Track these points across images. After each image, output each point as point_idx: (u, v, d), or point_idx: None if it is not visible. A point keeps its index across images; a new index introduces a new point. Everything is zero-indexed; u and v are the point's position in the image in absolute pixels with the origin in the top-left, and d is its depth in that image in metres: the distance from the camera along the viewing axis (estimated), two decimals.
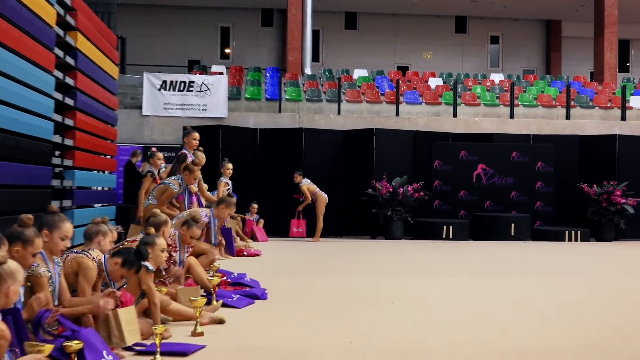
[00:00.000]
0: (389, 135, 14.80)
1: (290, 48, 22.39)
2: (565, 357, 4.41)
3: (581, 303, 6.57)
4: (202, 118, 16.70)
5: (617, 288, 7.63)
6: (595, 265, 9.99)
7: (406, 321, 5.52)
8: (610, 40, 23.17)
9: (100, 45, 11.01)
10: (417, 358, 4.33)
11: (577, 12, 25.59)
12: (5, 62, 6.84)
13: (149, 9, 25.42)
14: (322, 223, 12.95)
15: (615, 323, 5.58)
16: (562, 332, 5.17)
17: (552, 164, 14.88)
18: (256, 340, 4.81)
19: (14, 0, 7.16)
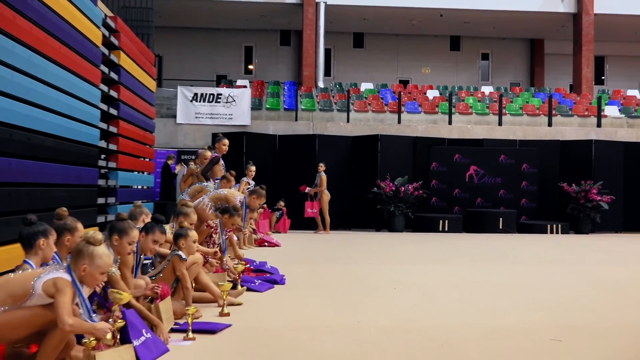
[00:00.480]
0: (392, 141, 14.81)
1: (305, 64, 22.42)
2: (547, 335, 4.39)
3: (561, 287, 6.54)
4: (229, 126, 16.76)
5: (594, 274, 7.58)
6: (574, 255, 9.93)
7: (407, 304, 5.51)
8: (588, 56, 23.07)
9: (140, 62, 11.07)
10: (416, 336, 4.33)
11: (558, 31, 25.47)
12: (58, 77, 6.90)
13: (183, 30, 25.52)
14: (329, 217, 13.01)
15: (591, 305, 5.55)
16: (544, 313, 5.15)
17: (535, 165, 14.85)
18: (275, 320, 4.82)
19: (66, 24, 7.22)
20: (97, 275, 3.15)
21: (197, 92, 17.54)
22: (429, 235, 13.06)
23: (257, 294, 5.90)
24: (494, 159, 14.86)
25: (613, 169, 14.94)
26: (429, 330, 4.49)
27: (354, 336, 4.30)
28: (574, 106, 20.80)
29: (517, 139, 15.94)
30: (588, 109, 20.38)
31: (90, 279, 3.14)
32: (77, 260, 3.12)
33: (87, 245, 3.14)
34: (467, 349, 3.99)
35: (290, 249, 10.00)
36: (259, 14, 24.00)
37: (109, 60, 9.31)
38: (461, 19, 24.57)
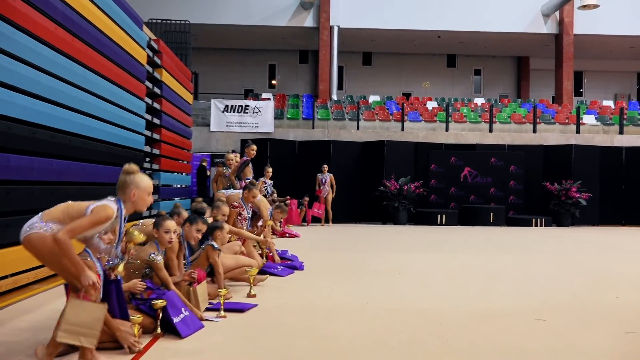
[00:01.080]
0: (396, 146, 14.78)
1: (321, 80, 22.42)
2: (532, 315, 4.36)
3: (545, 273, 6.48)
4: (255, 133, 16.82)
5: (573, 262, 7.51)
6: (556, 245, 9.84)
7: (409, 287, 5.50)
8: (568, 71, 22.88)
9: (179, 78, 11.14)
10: (417, 316, 4.32)
11: (542, 50, 25.26)
12: (110, 92, 6.97)
13: (216, 51, 25.64)
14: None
15: (571, 289, 5.50)
16: (530, 296, 5.11)
17: (522, 167, 14.76)
18: (295, 301, 4.83)
19: (117, 47, 7.29)
20: (145, 197, 3.15)
21: (228, 104, 17.62)
22: (428, 228, 13.01)
23: (279, 278, 5.92)
24: (486, 161, 14.79)
25: (590, 170, 14.81)
26: (428, 311, 4.47)
27: (362, 315, 4.30)
28: (555, 115, 20.59)
29: (505, 144, 15.84)
30: (568, 118, 20.18)
31: (142, 202, 3.14)
32: (125, 190, 3.11)
33: (129, 175, 3.13)
34: (461, 327, 3.98)
35: (308, 240, 10.02)
36: (281, 37, 24.05)
37: (152, 77, 9.38)
38: (456, 40, 24.44)
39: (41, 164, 5.17)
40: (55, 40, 5.52)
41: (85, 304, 2.87)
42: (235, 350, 3.37)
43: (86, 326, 2.85)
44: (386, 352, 3.36)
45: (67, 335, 2.83)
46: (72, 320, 2.83)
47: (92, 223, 2.90)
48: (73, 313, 2.84)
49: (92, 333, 2.87)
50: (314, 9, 22.30)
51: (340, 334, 3.74)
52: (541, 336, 3.78)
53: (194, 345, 3.46)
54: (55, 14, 5.51)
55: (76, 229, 2.85)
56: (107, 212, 2.94)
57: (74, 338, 2.84)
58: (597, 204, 14.75)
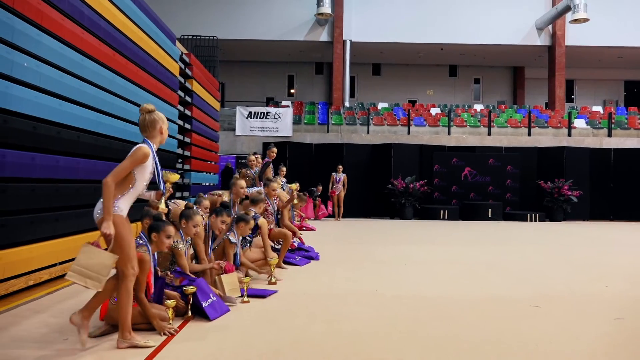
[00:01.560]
0: (403, 148, 14.71)
1: (335, 89, 22.38)
2: (528, 302, 4.31)
3: (539, 264, 6.40)
4: (275, 137, 16.85)
5: (566, 254, 7.41)
6: (550, 238, 9.72)
7: (415, 276, 5.48)
8: (560, 80, 22.57)
9: (208, 88, 11.21)
10: (422, 302, 4.29)
11: (536, 60, 24.95)
12: (148, 101, 7.03)
13: (240, 63, 25.74)
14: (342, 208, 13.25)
15: (563, 278, 5.43)
16: (525, 285, 5.06)
17: (518, 167, 14.60)
18: (312, 288, 4.84)
19: (153, 60, 7.35)
20: (166, 130, 3.15)
21: (251, 111, 17.68)
22: (432, 222, 12.94)
23: (297, 268, 5.93)
24: (484, 162, 14.66)
25: (581, 170, 14.61)
26: (432, 298, 4.45)
27: (373, 301, 4.29)
28: (549, 120, 20.33)
29: (503, 146, 15.67)
30: (560, 122, 19.90)
31: (166, 136, 3.17)
32: (155, 126, 3.09)
33: (152, 113, 3.10)
34: (463, 313, 3.95)
35: (323, 233, 10.02)
36: (298, 50, 24.06)
37: (184, 86, 9.45)
38: (458, 52, 24.24)
39: (67, 163, 5.22)
40: (100, 55, 5.59)
41: (96, 251, 2.82)
42: (257, 331, 3.39)
43: (94, 270, 2.78)
44: (395, 335, 3.35)
45: (75, 275, 2.78)
46: (82, 262, 2.78)
47: (132, 162, 2.91)
48: (84, 257, 2.80)
49: (98, 277, 2.79)
50: (329, 25, 22.28)
51: (352, 318, 3.74)
52: (536, 321, 3.74)
53: (220, 326, 3.49)
54: (98, 31, 5.58)
55: (120, 171, 2.89)
56: (143, 150, 2.95)
57: (82, 279, 2.78)
58: (587, 200, 14.54)
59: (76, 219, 5.00)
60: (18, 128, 4.12)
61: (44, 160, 4.46)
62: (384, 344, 3.16)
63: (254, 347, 3.04)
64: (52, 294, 4.37)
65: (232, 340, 3.17)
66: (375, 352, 2.99)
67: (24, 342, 3.08)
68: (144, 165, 2.97)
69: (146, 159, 2.96)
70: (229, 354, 2.93)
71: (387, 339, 3.25)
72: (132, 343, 2.97)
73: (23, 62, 4.18)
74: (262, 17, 22.01)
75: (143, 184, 3.03)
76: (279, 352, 2.97)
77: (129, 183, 2.96)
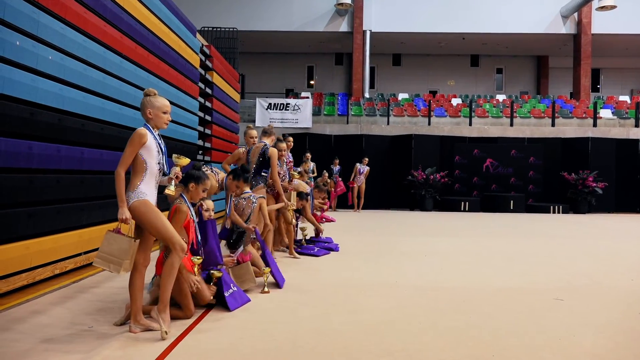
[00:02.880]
0: (423, 139, 14.58)
1: (355, 79, 22.27)
2: (551, 295, 4.25)
3: (561, 256, 6.30)
4: (295, 128, 16.85)
5: (590, 246, 7.27)
6: (573, 230, 9.55)
7: (435, 267, 5.44)
8: (586, 69, 22.05)
9: (228, 80, 11.25)
10: (442, 294, 4.27)
11: (560, 49, 24.39)
12: (169, 93, 7.09)
13: (260, 55, 25.76)
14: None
15: (587, 271, 5.34)
16: (546, 277, 4.99)
17: (541, 158, 14.38)
18: (332, 279, 4.85)
19: (174, 52, 7.40)
20: (161, 115, 3.15)
21: (271, 102, 17.70)
22: (452, 214, 12.83)
23: (317, 259, 5.94)
24: (506, 153, 14.47)
25: (606, 161, 14.30)
26: (452, 289, 4.42)
27: (392, 292, 4.28)
28: (573, 110, 19.89)
29: (525, 137, 15.43)
30: (586, 112, 19.45)
31: (158, 120, 3.16)
32: (144, 111, 3.14)
33: (145, 98, 3.16)
34: (483, 305, 3.91)
35: (343, 224, 10.02)
36: (318, 41, 23.95)
37: (205, 78, 9.50)
38: (480, 41, 23.84)
39: (91, 154, 5.31)
40: (122, 48, 5.65)
41: (116, 237, 2.98)
42: (277, 321, 3.41)
43: (115, 255, 2.94)
44: (415, 326, 3.34)
45: (100, 261, 2.97)
46: (105, 249, 2.96)
47: (131, 146, 2.99)
48: (106, 243, 2.96)
49: (118, 262, 2.95)
50: (349, 16, 22.12)
51: (372, 309, 3.74)
52: (559, 314, 3.69)
53: (240, 317, 3.52)
54: (121, 24, 5.64)
55: (124, 158, 3.00)
56: (138, 132, 3.02)
57: (105, 264, 2.96)
58: (613, 192, 14.24)
59: (100, 209, 5.09)
60: (44, 120, 4.20)
61: (69, 152, 4.55)
62: (403, 335, 3.15)
63: (273, 337, 3.07)
64: (77, 282, 4.47)
65: (251, 330, 3.20)
66: (395, 343, 2.99)
67: (50, 329, 3.17)
68: (147, 146, 3.04)
69: (144, 139, 3.02)
70: (248, 343, 2.96)
71: (407, 330, 3.24)
72: (148, 326, 3.09)
73: (48, 55, 4.25)
74: (282, 8, 21.97)
75: (155, 165, 3.10)
76: (298, 342, 2.99)
77: (142, 167, 3.05)
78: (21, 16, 3.92)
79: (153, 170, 3.08)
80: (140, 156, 3.04)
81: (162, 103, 3.17)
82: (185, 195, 3.48)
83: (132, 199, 3.01)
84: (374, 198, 13.92)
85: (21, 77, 3.90)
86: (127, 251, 2.96)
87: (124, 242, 2.97)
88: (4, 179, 3.70)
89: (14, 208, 3.85)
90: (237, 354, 2.79)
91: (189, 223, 3.39)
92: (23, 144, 3.90)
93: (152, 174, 3.08)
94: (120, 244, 2.96)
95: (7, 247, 3.72)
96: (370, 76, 24.11)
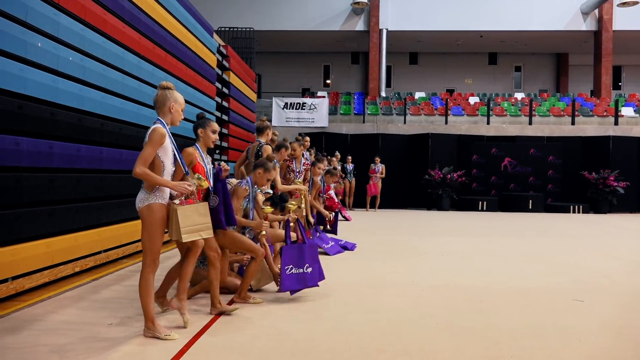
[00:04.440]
0: (440, 138, 14.48)
1: (371, 78, 22.20)
2: (570, 296, 4.18)
3: (581, 257, 6.20)
4: (311, 127, 16.86)
5: (610, 247, 7.14)
6: (593, 231, 9.39)
7: (451, 267, 5.40)
8: (607, 66, 21.66)
9: (244, 80, 11.31)
10: (459, 293, 4.23)
11: (581, 46, 23.98)
12: (186, 92, 7.16)
13: (277, 54, 25.83)
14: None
15: (607, 272, 5.24)
16: (567, 278, 4.92)
17: (560, 157, 14.17)
18: (348, 278, 4.84)
19: (191, 52, 7.46)
20: (180, 111, 3.08)
21: (287, 102, 17.74)
22: (470, 214, 12.71)
23: (332, 259, 5.93)
24: (525, 152, 14.29)
25: (628, 160, 14.02)
26: (469, 289, 4.38)
27: (409, 292, 4.26)
28: (594, 108, 19.54)
29: (544, 136, 15.21)
30: (607, 110, 19.09)
31: (178, 116, 3.09)
32: (164, 104, 3.04)
33: (165, 91, 3.05)
34: (501, 305, 3.87)
35: (359, 223, 10.00)
36: (334, 40, 23.93)
37: (221, 78, 9.57)
38: (498, 39, 23.57)
39: (110, 154, 5.38)
40: (140, 49, 5.72)
41: (190, 207, 3.03)
42: (293, 319, 3.42)
43: (199, 222, 3.05)
44: (432, 325, 3.32)
45: (189, 235, 3.02)
46: (186, 222, 3.00)
47: (153, 144, 2.89)
48: (183, 217, 2.99)
49: (207, 226, 3.10)
50: (365, 14, 22.06)
51: (388, 308, 3.73)
52: (578, 315, 3.63)
53: (255, 315, 3.54)
54: (139, 25, 5.71)
55: (146, 157, 2.88)
56: (159, 130, 2.92)
57: (196, 235, 3.06)
58: (635, 192, 13.96)
59: (118, 208, 5.17)
60: (65, 120, 4.28)
61: (88, 152, 4.62)
62: (420, 334, 3.13)
63: (289, 336, 3.08)
64: (97, 280, 4.54)
65: (267, 329, 3.21)
66: (412, 343, 2.97)
67: (71, 325, 3.22)
68: (164, 146, 2.96)
69: (164, 138, 2.94)
70: (264, 342, 2.97)
71: (423, 330, 3.22)
72: (155, 334, 2.97)
73: (68, 56, 4.33)
74: (298, 8, 22.00)
75: (170, 165, 3.02)
76: (314, 341, 2.99)
77: (158, 168, 2.96)
78: (43, 18, 4.00)
79: (169, 170, 3.02)
80: (158, 157, 2.96)
81: (182, 99, 3.15)
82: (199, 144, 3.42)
83: (147, 202, 2.94)
84: (390, 197, 13.86)
85: (43, 78, 3.97)
86: (207, 214, 3.10)
87: (200, 207, 3.07)
88: (26, 178, 3.78)
89: (36, 207, 3.92)
90: (254, 352, 2.80)
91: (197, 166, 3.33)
92: (44, 143, 3.98)
93: (168, 174, 3.02)
94: (199, 211, 3.05)
95: (29, 245, 3.80)
96: (387, 75, 23.99)
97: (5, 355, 2.68)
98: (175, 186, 2.95)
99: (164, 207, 2.98)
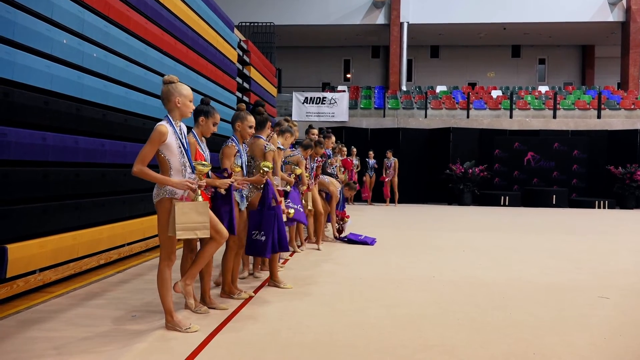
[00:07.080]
0: (462, 132, 14.32)
1: (392, 72, 22.04)
2: (595, 293, 4.10)
3: (607, 253, 6.07)
4: (331, 122, 16.85)
5: (636, 243, 6.97)
6: (619, 227, 9.18)
7: (473, 263, 5.35)
8: (635, 58, 21.06)
9: (265, 74, 11.34)
10: (480, 289, 4.19)
11: (607, 38, 23.37)
12: (207, 87, 7.21)
13: (297, 49, 25.83)
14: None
15: (634, 269, 5.12)
16: (591, 274, 4.82)
17: (585, 151, 13.88)
18: (368, 273, 4.83)
19: (212, 47, 7.50)
20: (188, 104, 3.00)
21: (307, 96, 17.75)
22: (492, 209, 12.55)
23: (351, 254, 5.92)
24: (549, 146, 14.04)
25: None
26: (491, 285, 4.33)
27: (429, 287, 4.23)
28: (621, 101, 19.05)
29: (569, 130, 14.91)
30: (634, 103, 18.60)
31: (186, 109, 3.00)
32: (169, 100, 2.97)
33: (169, 85, 2.99)
34: (523, 301, 3.82)
35: (379, 218, 9.96)
36: (354, 34, 23.81)
37: (242, 73, 9.61)
38: (521, 31, 23.13)
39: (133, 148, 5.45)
40: (162, 44, 5.78)
41: (188, 204, 2.93)
42: (314, 314, 3.42)
43: (196, 221, 2.94)
44: (452, 321, 3.29)
45: (183, 232, 2.92)
46: (182, 220, 2.90)
47: (150, 144, 2.85)
48: (180, 214, 2.90)
49: (204, 225, 2.96)
50: (385, 8, 21.88)
51: (409, 303, 3.71)
52: (603, 312, 3.55)
53: (277, 309, 3.55)
54: (161, 21, 5.76)
55: (143, 156, 2.85)
56: (158, 129, 2.88)
57: (191, 233, 2.94)
58: None
59: (142, 202, 5.24)
60: (89, 116, 4.35)
61: (112, 146, 4.69)
62: (440, 330, 3.11)
63: (310, 330, 3.09)
64: (121, 272, 4.62)
65: (288, 322, 3.22)
66: (432, 338, 2.95)
67: (96, 317, 3.29)
68: (166, 144, 2.90)
69: (163, 136, 2.87)
70: (285, 335, 2.98)
71: (444, 326, 3.19)
72: (175, 328, 3.00)
73: (93, 52, 4.39)
74: (318, 2, 21.93)
75: (177, 161, 2.96)
76: (334, 335, 2.99)
77: (165, 166, 2.94)
78: (68, 15, 4.06)
79: (177, 167, 2.95)
80: (162, 154, 2.92)
81: (188, 91, 3.04)
82: (195, 130, 3.36)
83: (159, 197, 2.95)
84: (411, 192, 13.77)
85: (68, 74, 4.04)
86: (206, 214, 2.98)
87: (199, 206, 2.95)
88: (52, 172, 3.86)
89: (62, 200, 4.01)
90: (275, 345, 2.82)
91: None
92: (70, 138, 4.05)
93: (177, 171, 2.96)
94: (197, 209, 2.94)
95: (56, 238, 3.88)
96: (408, 69, 23.77)
97: (34, 345, 2.75)
98: (177, 184, 2.91)
99: (168, 204, 2.96)
